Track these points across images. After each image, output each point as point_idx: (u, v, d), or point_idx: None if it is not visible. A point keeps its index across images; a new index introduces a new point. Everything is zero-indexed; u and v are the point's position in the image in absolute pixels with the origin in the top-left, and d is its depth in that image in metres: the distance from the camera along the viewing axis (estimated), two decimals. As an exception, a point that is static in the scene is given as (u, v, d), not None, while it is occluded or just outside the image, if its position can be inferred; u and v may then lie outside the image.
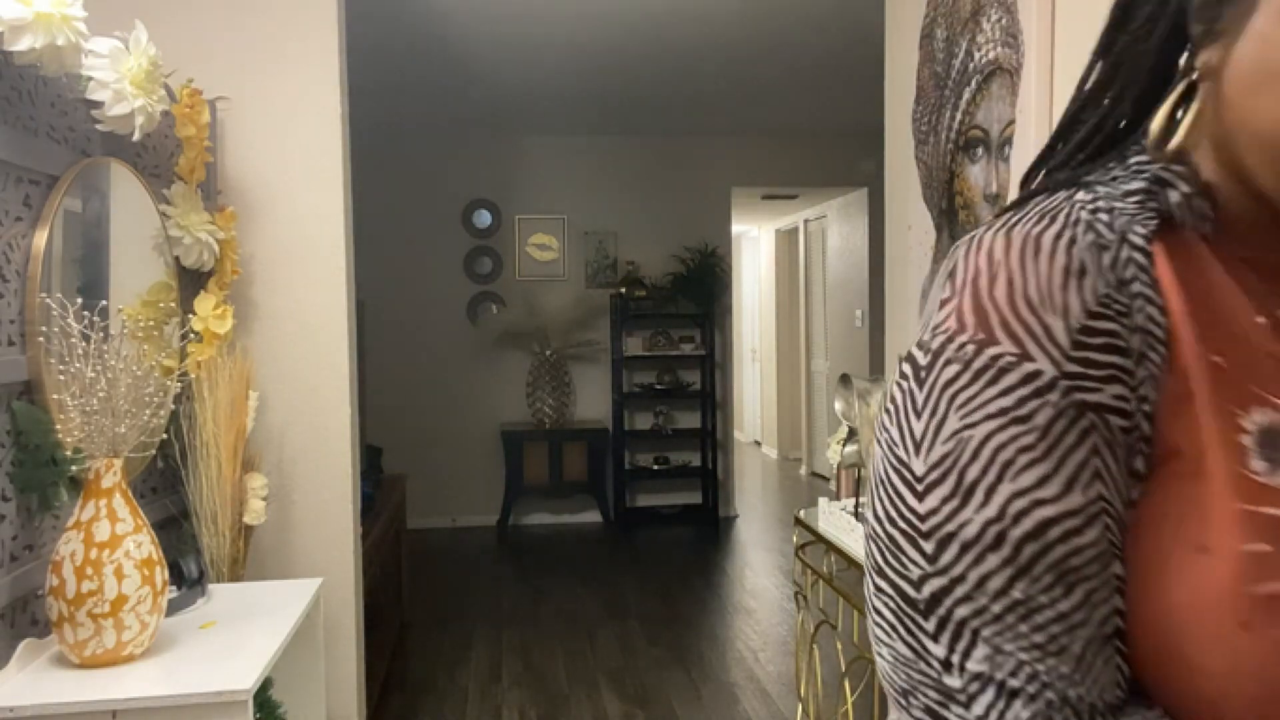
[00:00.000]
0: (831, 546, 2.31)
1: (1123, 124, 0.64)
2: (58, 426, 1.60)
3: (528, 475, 6.33)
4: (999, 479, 0.53)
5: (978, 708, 0.52)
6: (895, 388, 0.61)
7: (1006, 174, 2.04)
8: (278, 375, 2.52)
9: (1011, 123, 2.01)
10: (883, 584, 0.57)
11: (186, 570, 1.92)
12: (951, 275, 0.58)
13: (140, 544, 1.56)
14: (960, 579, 0.53)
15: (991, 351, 0.55)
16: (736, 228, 8.70)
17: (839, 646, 2.56)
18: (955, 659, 0.53)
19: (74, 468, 1.62)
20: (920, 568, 0.55)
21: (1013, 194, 2.02)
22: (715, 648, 4.12)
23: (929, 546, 0.55)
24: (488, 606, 4.74)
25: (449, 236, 6.46)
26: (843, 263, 7.41)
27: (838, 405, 2.43)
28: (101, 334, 1.58)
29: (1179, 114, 0.60)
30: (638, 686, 3.68)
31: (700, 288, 6.41)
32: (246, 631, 1.76)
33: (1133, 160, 0.61)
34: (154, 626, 1.59)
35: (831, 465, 2.68)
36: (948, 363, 0.56)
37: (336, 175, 2.56)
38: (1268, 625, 0.48)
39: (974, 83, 2.17)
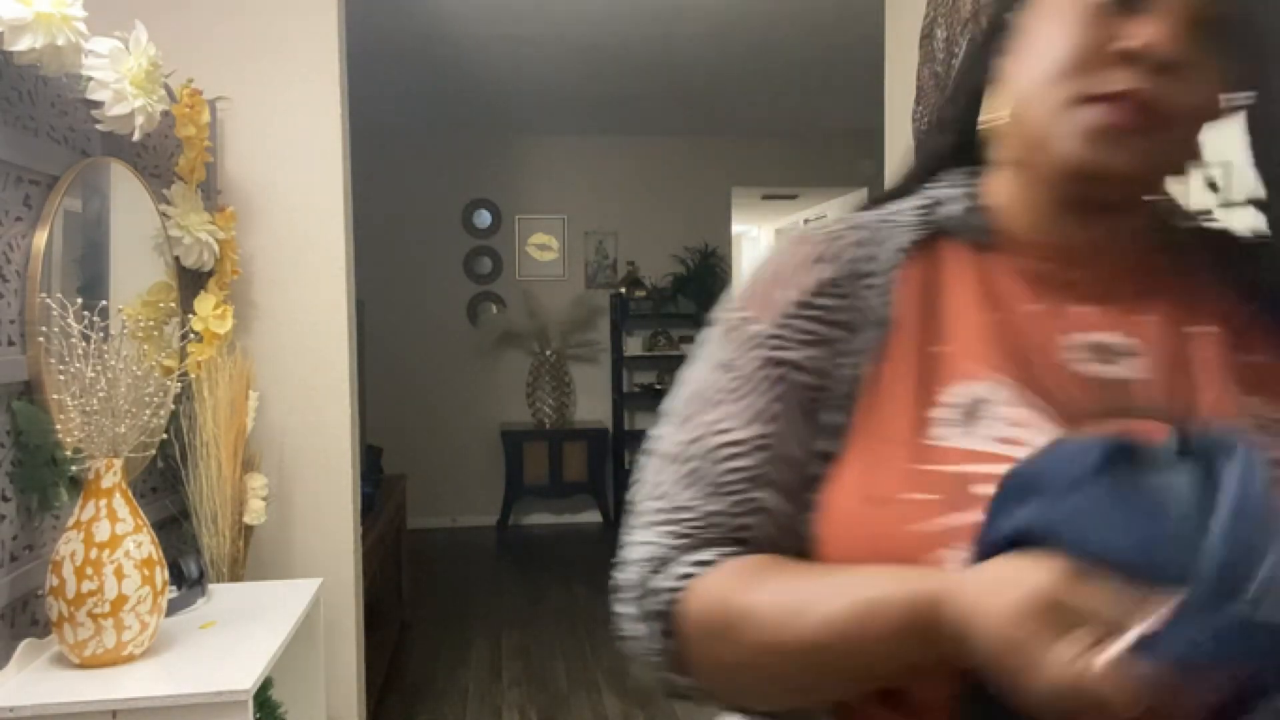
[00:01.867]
0: (831, 546, 2.31)
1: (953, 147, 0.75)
2: (58, 426, 1.60)
3: (528, 475, 6.32)
4: (698, 411, 0.68)
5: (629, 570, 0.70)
6: None
7: (1006, 174, 2.04)
8: (278, 375, 2.52)
9: (1011, 123, 2.01)
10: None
11: (186, 570, 1.92)
12: None
13: (140, 544, 1.56)
14: (642, 481, 0.71)
15: (739, 315, 0.69)
16: (736, 228, 8.69)
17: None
18: (628, 537, 0.71)
19: (74, 468, 1.61)
20: (639, 478, 0.72)
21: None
22: (715, 648, 4.11)
23: (647, 461, 0.71)
24: (488, 606, 4.74)
25: (449, 236, 6.45)
26: (843, 263, 7.40)
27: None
28: (101, 334, 1.58)
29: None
30: (638, 686, 3.68)
31: (700, 288, 6.41)
32: (246, 631, 1.75)
33: (940, 180, 0.73)
34: (154, 626, 1.59)
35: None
36: (715, 324, 0.72)
37: (336, 175, 2.56)
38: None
39: (974, 83, 2.17)
